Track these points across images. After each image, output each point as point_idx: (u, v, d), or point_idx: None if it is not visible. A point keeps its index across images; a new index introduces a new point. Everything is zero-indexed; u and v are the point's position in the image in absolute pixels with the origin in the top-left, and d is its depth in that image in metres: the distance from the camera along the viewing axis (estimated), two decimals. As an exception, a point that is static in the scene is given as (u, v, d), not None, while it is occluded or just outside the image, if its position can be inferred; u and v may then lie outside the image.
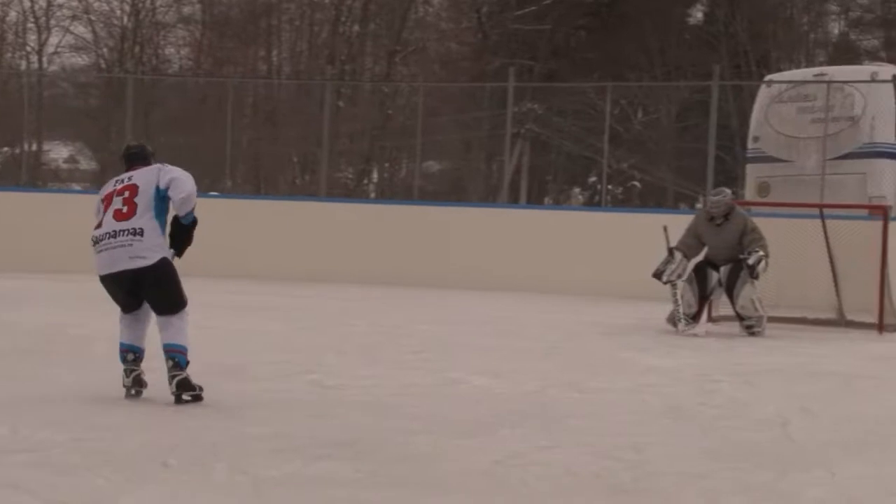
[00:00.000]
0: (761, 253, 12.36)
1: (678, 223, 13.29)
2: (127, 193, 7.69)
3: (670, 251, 12.73)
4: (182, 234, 7.91)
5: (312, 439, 6.52)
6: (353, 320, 12.71)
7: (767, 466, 6.17)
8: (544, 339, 11.52)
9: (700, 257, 12.86)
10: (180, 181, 7.71)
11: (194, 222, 7.91)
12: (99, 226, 7.72)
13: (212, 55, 40.72)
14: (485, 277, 17.16)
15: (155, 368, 7.74)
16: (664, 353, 10.71)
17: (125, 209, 7.65)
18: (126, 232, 7.58)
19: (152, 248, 7.63)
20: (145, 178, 7.75)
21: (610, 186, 32.91)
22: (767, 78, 23.72)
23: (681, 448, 6.59)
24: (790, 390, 8.75)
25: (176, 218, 7.86)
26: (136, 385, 7.73)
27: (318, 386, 8.34)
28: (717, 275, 12.60)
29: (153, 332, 7.74)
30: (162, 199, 7.71)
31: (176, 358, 7.57)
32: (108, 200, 7.77)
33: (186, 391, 7.53)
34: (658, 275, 12.67)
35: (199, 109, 34.35)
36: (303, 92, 34.83)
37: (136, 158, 7.99)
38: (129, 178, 7.79)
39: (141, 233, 7.60)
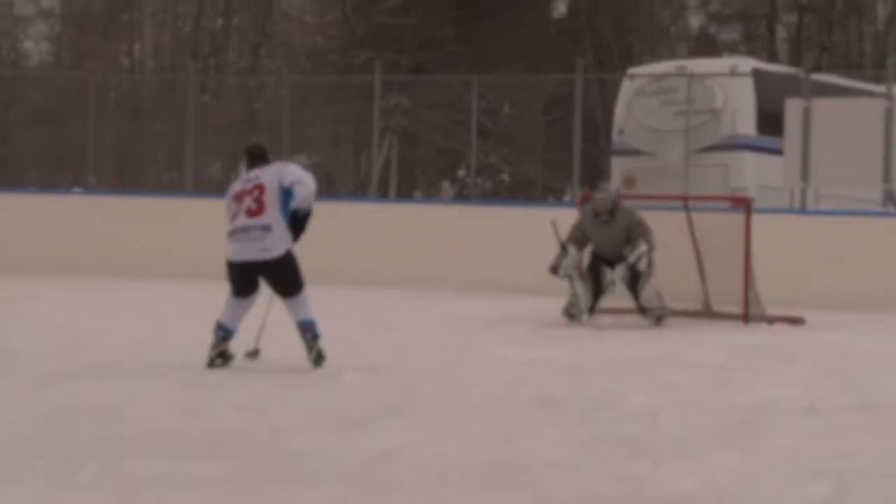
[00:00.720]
0: (643, 248, 12.52)
1: (546, 216, 13.37)
2: (257, 193, 9.00)
3: (563, 245, 12.79)
4: (298, 224, 9.18)
5: (184, 438, 6.45)
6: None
7: (640, 457, 6.23)
8: (419, 333, 11.53)
9: (588, 253, 12.96)
10: (304, 184, 9.05)
11: (308, 215, 9.17)
12: (233, 220, 9.03)
13: (72, 49, 40.13)
14: (357, 272, 17.11)
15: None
16: (537, 345, 10.77)
17: (255, 206, 8.98)
18: (257, 228, 8.93)
19: (279, 241, 9.03)
20: (270, 177, 9.07)
21: (479, 180, 33.06)
22: (630, 71, 23.98)
23: (555, 440, 6.63)
24: (661, 381, 8.85)
25: (294, 210, 9.12)
26: (220, 357, 9.02)
27: (189, 384, 8.25)
28: (610, 271, 12.71)
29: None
30: (286, 194, 9.01)
31: (312, 331, 9.02)
32: (240, 198, 9.05)
33: (323, 358, 8.95)
34: (554, 269, 12.75)
35: (61, 105, 33.78)
36: (167, 87, 34.44)
37: (260, 157, 9.37)
38: (257, 178, 9.10)
39: (269, 228, 8.97)
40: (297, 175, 9.09)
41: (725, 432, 6.96)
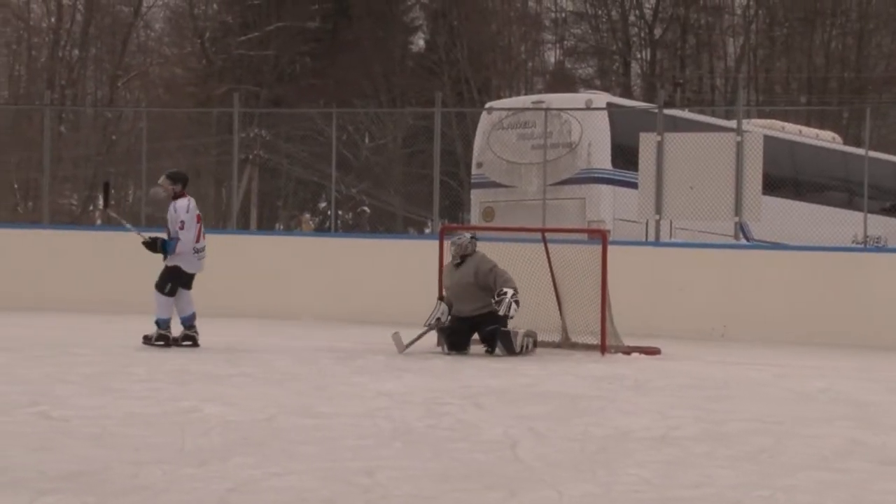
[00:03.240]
0: (509, 294, 12.70)
1: (407, 248, 13.46)
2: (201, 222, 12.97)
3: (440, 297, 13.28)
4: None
5: (38, 473, 6.36)
6: (80, 350, 12.41)
7: (496, 487, 6.29)
8: (276, 365, 11.48)
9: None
10: None
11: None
12: (200, 240, 12.83)
13: (-76, 78, 39.40)
14: (215, 304, 16.97)
15: None
16: (394, 377, 10.81)
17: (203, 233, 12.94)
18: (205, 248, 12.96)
19: None
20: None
21: (340, 212, 33.05)
22: (488, 105, 24.23)
23: (412, 471, 6.66)
24: (518, 411, 8.92)
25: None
26: (164, 340, 13.00)
27: (43, 417, 8.13)
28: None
29: None
30: None
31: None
32: (200, 221, 12.85)
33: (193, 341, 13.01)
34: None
35: (-87, 134, 33.19)
36: (23, 117, 33.94)
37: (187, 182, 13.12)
38: (196, 208, 12.89)
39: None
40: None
41: (581, 462, 7.05)
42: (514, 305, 12.73)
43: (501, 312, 12.75)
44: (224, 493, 6.00)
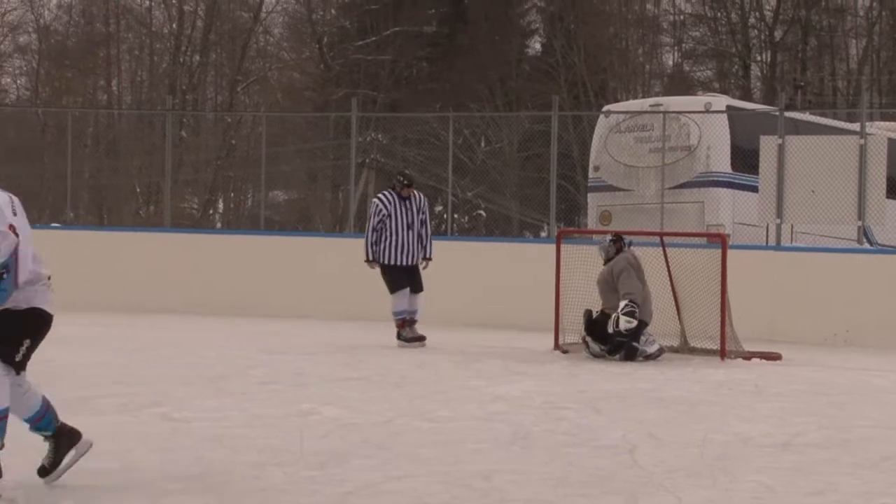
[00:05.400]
0: (620, 308, 12.61)
1: (523, 251, 13.41)
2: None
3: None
4: None
5: (161, 474, 6.44)
6: (200, 352, 12.56)
7: (615, 492, 6.25)
8: (394, 368, 11.52)
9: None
10: None
11: None
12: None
13: (50, 85, 40.19)
14: (333, 307, 17.11)
15: None
16: (511, 381, 10.79)
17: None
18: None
19: None
20: None
21: (456, 216, 33.10)
22: (605, 108, 24.10)
23: (530, 475, 6.64)
24: (636, 416, 8.86)
25: None
26: None
27: (165, 419, 8.23)
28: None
29: None
30: None
31: None
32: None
33: None
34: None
35: (39, 140, 33.88)
36: (145, 122, 34.51)
37: None
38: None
39: None
40: None
41: (701, 468, 6.99)
42: (622, 321, 12.61)
43: (611, 330, 12.71)
44: (343, 495, 6.04)
